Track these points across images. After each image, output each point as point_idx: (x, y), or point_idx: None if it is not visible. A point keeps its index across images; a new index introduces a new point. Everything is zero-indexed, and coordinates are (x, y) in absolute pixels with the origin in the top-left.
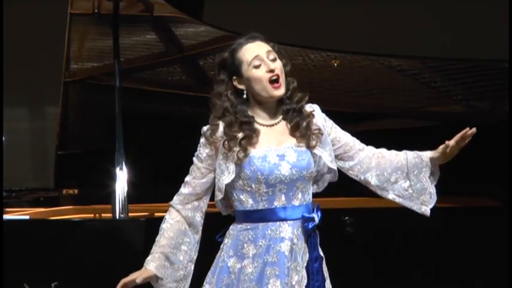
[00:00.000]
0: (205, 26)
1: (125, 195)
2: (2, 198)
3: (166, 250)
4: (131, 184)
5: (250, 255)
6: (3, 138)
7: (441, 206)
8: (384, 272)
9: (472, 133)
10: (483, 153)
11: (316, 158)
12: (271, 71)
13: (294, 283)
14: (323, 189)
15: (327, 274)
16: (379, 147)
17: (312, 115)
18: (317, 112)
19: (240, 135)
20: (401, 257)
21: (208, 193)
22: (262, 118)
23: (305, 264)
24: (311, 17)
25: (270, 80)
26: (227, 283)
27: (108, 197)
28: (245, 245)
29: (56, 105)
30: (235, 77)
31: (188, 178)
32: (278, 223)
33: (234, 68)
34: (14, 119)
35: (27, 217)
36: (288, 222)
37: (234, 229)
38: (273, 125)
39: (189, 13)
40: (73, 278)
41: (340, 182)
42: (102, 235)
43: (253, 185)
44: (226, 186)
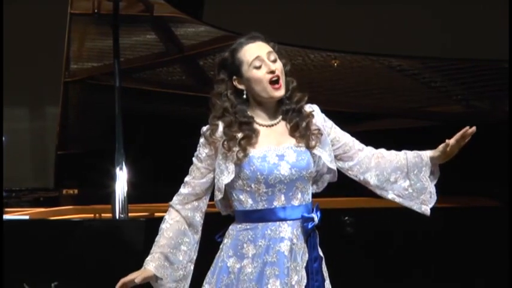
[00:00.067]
0: (205, 26)
1: (125, 195)
2: (2, 198)
3: (165, 250)
4: (131, 184)
5: (249, 255)
6: (3, 138)
7: (441, 206)
8: (384, 272)
9: (472, 132)
10: (483, 153)
11: (315, 158)
12: (271, 72)
13: (294, 283)
14: (323, 189)
15: (327, 274)
16: (379, 147)
17: (312, 115)
18: (316, 112)
19: (240, 135)
20: (401, 257)
21: (207, 193)
22: (261, 118)
23: (304, 264)
24: (311, 17)
25: (270, 81)
26: (227, 283)
27: (108, 197)
28: (245, 245)
29: (56, 105)
30: (235, 77)
31: (188, 178)
32: (278, 223)
33: (235, 68)
34: (14, 119)
35: (27, 217)
36: (288, 222)
37: (234, 229)
38: (273, 125)
39: (189, 13)
40: (73, 278)
41: (340, 182)
42: (102, 235)
43: (252, 185)
44: (225, 186)
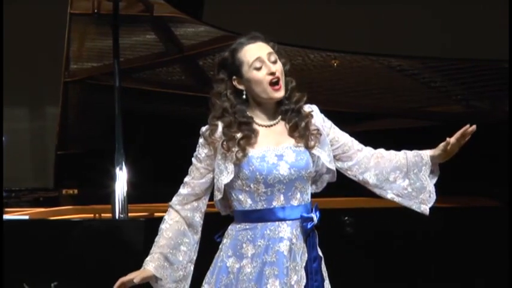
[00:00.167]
0: (205, 26)
1: (125, 195)
2: (2, 198)
3: (165, 250)
4: (131, 184)
5: (249, 255)
6: (3, 138)
7: (441, 206)
8: (384, 272)
9: (473, 130)
10: (483, 153)
11: (314, 158)
12: (272, 74)
13: (293, 283)
14: (323, 189)
15: (326, 274)
16: (379, 147)
17: (311, 115)
18: (316, 112)
19: (239, 135)
20: (401, 257)
21: (207, 193)
22: (261, 119)
23: (304, 264)
24: (311, 17)
25: (271, 83)
26: (226, 283)
27: (107, 197)
28: (244, 245)
29: (56, 105)
30: (235, 77)
31: (187, 179)
32: (277, 223)
33: (235, 68)
34: (14, 119)
35: (27, 217)
36: (287, 222)
37: (233, 229)
38: (272, 126)
39: (189, 13)
40: (73, 278)
41: (339, 182)
42: (101, 235)
43: (252, 185)
44: (225, 186)
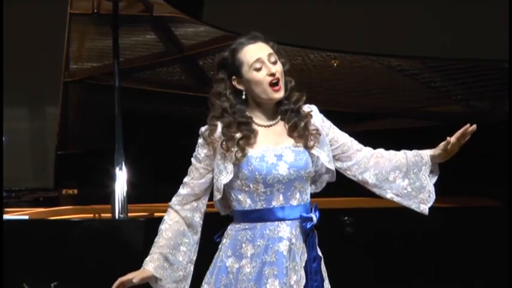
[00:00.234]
0: (205, 26)
1: (125, 195)
2: (2, 198)
3: (165, 251)
4: (131, 184)
5: (248, 255)
6: (3, 138)
7: (441, 206)
8: (384, 272)
9: (473, 130)
10: (483, 153)
11: (314, 158)
12: (272, 75)
13: (293, 283)
14: (323, 189)
15: (326, 274)
16: (378, 147)
17: (310, 115)
18: (315, 112)
19: (238, 135)
20: (401, 257)
21: (206, 193)
22: (260, 119)
23: (303, 264)
24: (311, 17)
25: (270, 83)
26: (225, 283)
27: (107, 197)
28: (243, 245)
29: (56, 105)
30: (234, 77)
31: (186, 179)
32: (276, 223)
33: (234, 68)
34: (14, 119)
35: (26, 217)
36: (286, 222)
37: (232, 229)
38: (271, 126)
39: (189, 13)
40: (73, 278)
41: (339, 182)
42: (101, 235)
43: (251, 185)
44: (224, 186)
